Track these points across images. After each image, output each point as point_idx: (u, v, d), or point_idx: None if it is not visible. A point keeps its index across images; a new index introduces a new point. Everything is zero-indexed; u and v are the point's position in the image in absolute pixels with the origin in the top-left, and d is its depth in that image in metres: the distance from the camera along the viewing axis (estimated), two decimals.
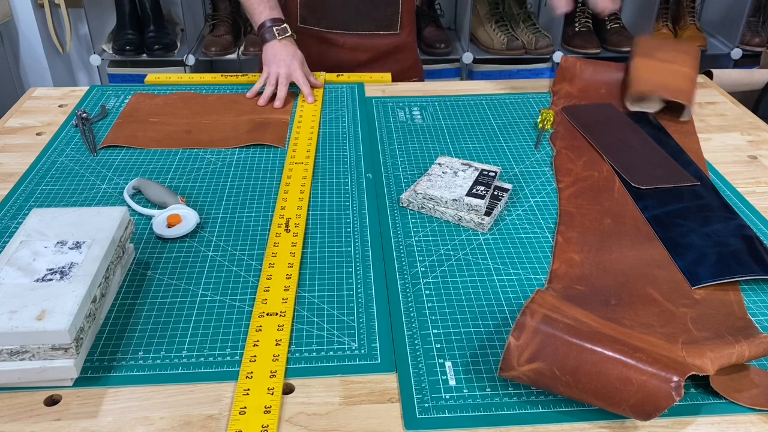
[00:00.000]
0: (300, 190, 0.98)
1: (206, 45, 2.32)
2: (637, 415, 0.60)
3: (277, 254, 0.84)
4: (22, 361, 0.64)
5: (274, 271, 0.81)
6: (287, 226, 0.89)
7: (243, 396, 0.64)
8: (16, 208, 0.94)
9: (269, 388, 0.65)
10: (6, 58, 2.28)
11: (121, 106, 1.24)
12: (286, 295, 0.77)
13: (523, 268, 0.84)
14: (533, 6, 2.53)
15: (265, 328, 0.73)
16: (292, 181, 1.00)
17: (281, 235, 0.88)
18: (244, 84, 1.33)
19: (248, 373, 0.67)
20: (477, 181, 0.95)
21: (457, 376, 0.68)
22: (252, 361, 0.68)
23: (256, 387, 0.65)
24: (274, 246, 0.85)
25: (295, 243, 0.86)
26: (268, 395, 0.64)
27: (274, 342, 0.71)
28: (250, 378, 0.66)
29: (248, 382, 0.66)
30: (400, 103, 1.28)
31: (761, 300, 0.79)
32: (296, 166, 1.05)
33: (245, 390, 0.65)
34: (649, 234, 0.89)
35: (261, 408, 0.63)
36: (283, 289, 0.78)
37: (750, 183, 1.03)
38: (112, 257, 0.75)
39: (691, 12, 2.42)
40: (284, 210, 0.93)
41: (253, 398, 0.64)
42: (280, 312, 0.75)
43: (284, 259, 0.83)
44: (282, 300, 0.76)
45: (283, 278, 0.80)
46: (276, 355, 0.69)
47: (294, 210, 0.93)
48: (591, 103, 1.25)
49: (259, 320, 0.74)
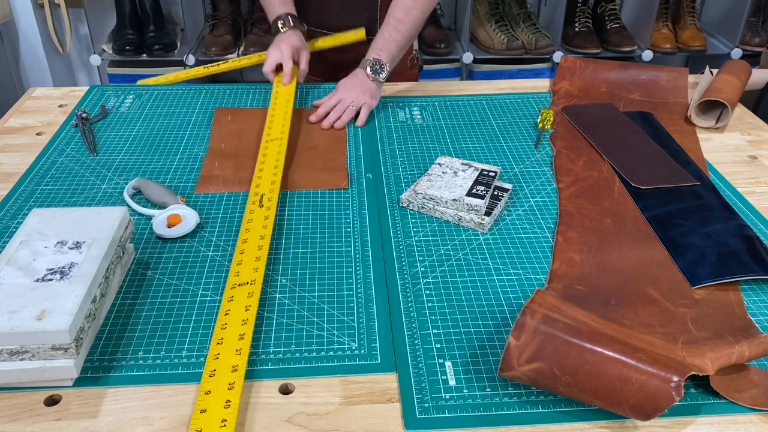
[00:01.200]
0: (274, 165, 0.99)
1: (206, 45, 2.32)
2: (637, 415, 0.60)
3: (250, 230, 0.85)
4: (22, 361, 0.64)
5: (247, 246, 0.83)
6: (261, 201, 0.90)
7: (213, 360, 0.67)
8: (16, 208, 0.94)
9: (237, 349, 0.68)
10: (6, 58, 2.28)
11: (121, 106, 1.24)
12: (256, 264, 0.79)
13: (523, 268, 0.84)
14: (533, 6, 2.53)
15: (236, 298, 0.75)
16: (267, 158, 1.01)
17: (255, 211, 0.89)
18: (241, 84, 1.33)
19: (219, 339, 0.70)
20: (477, 181, 0.95)
21: (457, 376, 0.68)
22: (223, 329, 0.71)
23: (225, 352, 0.68)
24: (248, 222, 0.87)
25: (268, 216, 0.87)
26: (236, 356, 0.67)
27: (244, 308, 0.73)
28: (220, 344, 0.69)
29: (219, 347, 0.68)
30: (400, 103, 1.28)
31: (761, 300, 0.79)
32: (271, 143, 1.05)
33: (215, 355, 0.68)
34: (649, 234, 0.89)
35: (229, 368, 0.66)
36: (254, 259, 0.80)
37: (750, 183, 1.03)
38: (112, 257, 0.75)
39: (691, 12, 2.42)
40: (258, 187, 0.94)
41: (222, 362, 0.67)
42: (250, 281, 0.76)
43: (257, 233, 0.84)
44: (253, 270, 0.78)
45: (255, 250, 0.82)
46: (245, 319, 0.72)
47: (268, 186, 0.94)
48: (591, 102, 1.25)
49: (231, 291, 0.76)
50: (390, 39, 1.22)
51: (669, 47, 2.35)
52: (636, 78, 1.30)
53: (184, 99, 1.27)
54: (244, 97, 1.29)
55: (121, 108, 1.23)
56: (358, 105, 1.18)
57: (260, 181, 0.95)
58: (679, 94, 1.28)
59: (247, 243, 0.83)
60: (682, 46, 2.38)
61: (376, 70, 1.21)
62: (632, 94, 1.29)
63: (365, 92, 1.19)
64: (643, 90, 1.29)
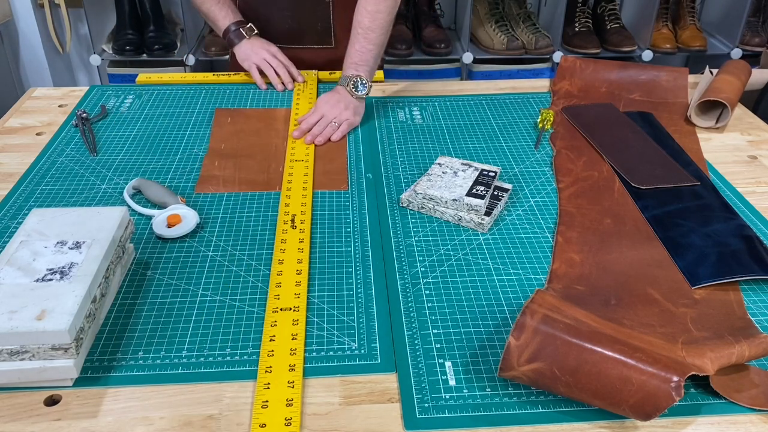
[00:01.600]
0: (303, 187, 0.98)
1: (206, 45, 2.32)
2: (637, 415, 0.60)
3: (285, 250, 0.85)
4: (22, 361, 0.64)
5: (284, 267, 0.82)
6: (293, 222, 0.90)
7: (264, 390, 0.65)
8: (16, 208, 0.94)
9: (289, 381, 0.66)
10: (6, 58, 2.28)
11: (121, 106, 1.24)
12: (297, 290, 0.78)
13: (523, 268, 0.84)
14: (533, 6, 2.53)
15: (281, 323, 0.73)
16: (294, 178, 1.01)
17: (288, 231, 0.88)
18: (238, 83, 1.34)
19: (267, 367, 0.68)
20: (477, 181, 0.95)
21: (457, 376, 0.68)
22: (270, 356, 0.69)
23: (276, 381, 0.66)
24: (282, 243, 0.86)
25: (303, 239, 0.87)
26: (289, 388, 0.65)
27: (290, 336, 0.72)
28: (269, 372, 0.67)
29: (268, 376, 0.67)
30: (400, 103, 1.28)
31: (761, 300, 0.79)
32: (297, 163, 1.05)
33: (266, 384, 0.66)
34: (649, 234, 0.89)
35: (283, 401, 0.64)
36: (294, 284, 0.79)
37: (750, 183, 1.03)
38: (112, 257, 0.75)
39: (691, 12, 2.42)
40: (288, 207, 0.93)
41: (274, 392, 0.65)
42: (293, 307, 0.76)
43: (293, 255, 0.84)
44: (294, 295, 0.77)
45: (294, 274, 0.81)
46: (293, 349, 0.70)
47: (298, 207, 0.93)
48: (591, 102, 1.25)
49: (273, 315, 0.74)
50: (363, 51, 1.19)
51: (669, 47, 2.35)
52: (636, 78, 1.30)
53: (184, 99, 1.27)
54: (244, 98, 1.29)
55: (121, 108, 1.23)
56: (339, 122, 1.15)
57: (290, 201, 0.95)
58: (679, 94, 1.28)
59: (284, 264, 0.82)
60: (682, 46, 2.38)
61: (357, 86, 1.18)
62: (632, 94, 1.29)
63: (348, 108, 1.17)
64: (643, 90, 1.29)
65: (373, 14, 1.18)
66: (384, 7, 1.18)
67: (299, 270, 0.81)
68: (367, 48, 1.19)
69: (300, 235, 0.87)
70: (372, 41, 1.19)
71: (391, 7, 1.19)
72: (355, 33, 1.19)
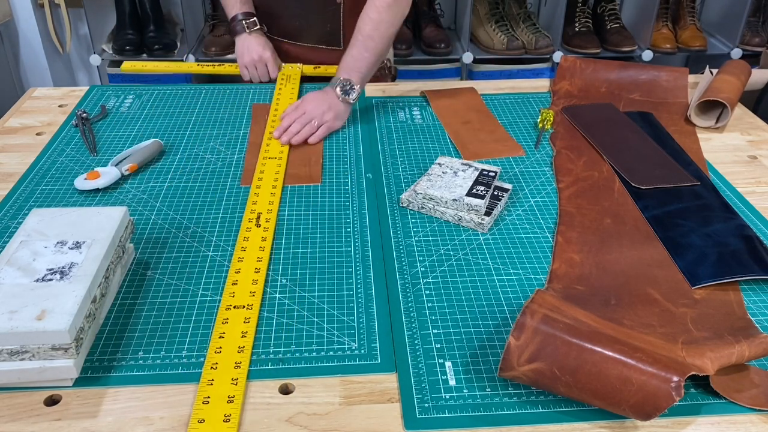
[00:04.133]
0: (272, 185, 0.98)
1: (206, 45, 2.32)
2: (637, 415, 0.60)
3: (246, 248, 0.85)
4: (22, 361, 0.64)
5: (243, 265, 0.82)
6: (258, 220, 0.90)
7: (207, 386, 0.65)
8: (16, 208, 0.94)
9: (233, 378, 0.66)
10: (6, 58, 2.28)
11: (121, 106, 1.24)
12: (253, 288, 0.78)
13: (523, 268, 0.84)
14: (533, 6, 2.53)
15: (232, 321, 0.73)
16: (265, 176, 1.01)
17: (251, 229, 0.88)
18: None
19: (213, 364, 0.68)
20: (477, 181, 0.95)
21: (457, 376, 0.68)
22: (217, 353, 0.69)
23: (220, 377, 0.66)
24: (244, 240, 0.86)
25: (265, 237, 0.87)
26: (232, 386, 0.65)
27: (240, 334, 0.72)
28: (214, 369, 0.67)
29: (213, 372, 0.67)
30: (400, 103, 1.28)
31: (761, 300, 0.79)
32: (269, 161, 1.05)
33: (209, 380, 0.66)
34: (649, 234, 0.89)
35: (224, 398, 0.64)
36: (251, 282, 0.79)
37: (750, 183, 1.03)
38: (112, 257, 0.75)
39: (691, 12, 2.42)
40: (255, 205, 0.94)
41: (217, 388, 0.65)
42: (247, 305, 0.76)
43: (253, 254, 0.84)
44: (250, 293, 0.77)
45: (252, 272, 0.81)
46: (241, 346, 0.70)
47: (265, 205, 0.93)
48: (591, 102, 1.25)
49: (225, 313, 0.75)
50: (359, 57, 1.17)
51: (669, 47, 2.35)
52: (636, 78, 1.30)
53: (184, 99, 1.27)
54: (244, 98, 1.29)
55: (121, 108, 1.23)
56: (320, 123, 1.14)
57: (257, 198, 0.95)
58: (679, 94, 1.28)
59: (243, 263, 0.82)
60: (682, 46, 2.38)
61: (346, 90, 1.16)
62: (632, 94, 1.29)
63: (331, 110, 1.15)
64: (643, 90, 1.29)
65: (376, 23, 1.16)
66: (387, 17, 1.16)
67: (258, 268, 0.81)
68: (363, 55, 1.17)
69: (263, 233, 0.87)
70: (370, 49, 1.17)
71: (395, 18, 1.17)
72: (355, 39, 1.18)
